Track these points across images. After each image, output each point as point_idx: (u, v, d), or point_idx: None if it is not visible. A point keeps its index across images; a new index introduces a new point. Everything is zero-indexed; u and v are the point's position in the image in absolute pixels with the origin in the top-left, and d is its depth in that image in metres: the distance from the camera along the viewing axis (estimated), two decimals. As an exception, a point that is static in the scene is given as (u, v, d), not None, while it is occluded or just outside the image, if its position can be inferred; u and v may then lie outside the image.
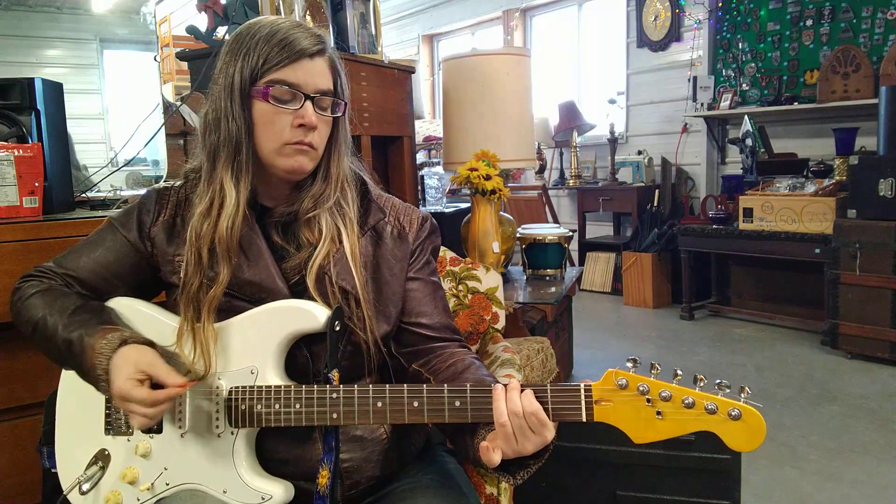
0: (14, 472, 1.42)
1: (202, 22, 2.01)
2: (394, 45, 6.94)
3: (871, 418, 2.58)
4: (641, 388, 0.81)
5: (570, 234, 2.78)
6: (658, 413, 0.80)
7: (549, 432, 0.82)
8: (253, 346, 0.94)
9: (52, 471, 1.02)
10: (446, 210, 3.03)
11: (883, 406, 2.69)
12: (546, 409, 0.83)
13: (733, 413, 0.78)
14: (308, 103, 0.93)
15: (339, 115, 0.99)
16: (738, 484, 1.52)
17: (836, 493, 2.04)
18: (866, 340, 3.20)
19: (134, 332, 0.93)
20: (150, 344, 0.93)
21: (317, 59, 0.94)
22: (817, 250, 3.44)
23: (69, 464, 1.00)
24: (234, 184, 0.94)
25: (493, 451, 0.82)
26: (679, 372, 0.81)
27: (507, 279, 2.64)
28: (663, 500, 1.55)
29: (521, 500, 1.51)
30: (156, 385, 0.87)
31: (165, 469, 0.96)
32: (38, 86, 1.56)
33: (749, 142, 3.93)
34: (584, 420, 0.83)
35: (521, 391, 0.83)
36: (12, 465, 1.42)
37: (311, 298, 0.95)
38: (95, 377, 0.89)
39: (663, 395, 0.80)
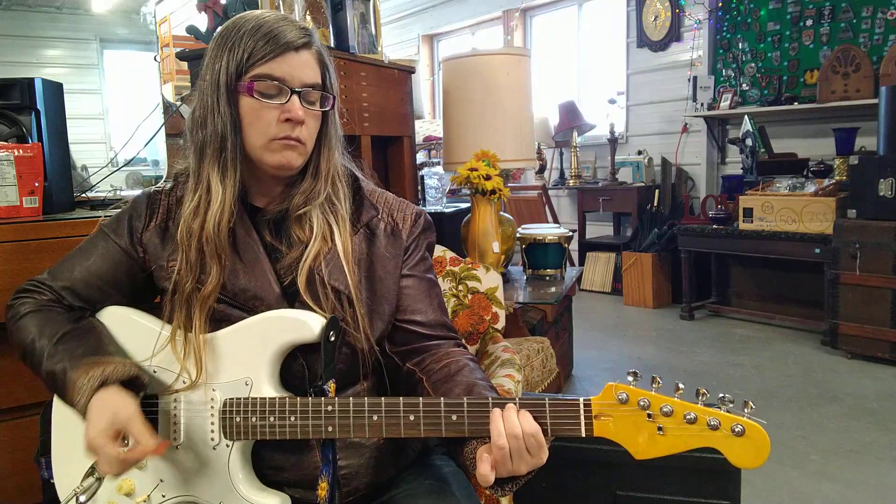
0: (14, 473, 1.42)
1: (202, 22, 2.01)
2: (394, 45, 6.93)
3: (871, 418, 2.58)
4: (642, 403, 0.79)
5: (570, 234, 2.78)
6: (659, 429, 0.79)
7: (545, 454, 0.81)
8: (247, 357, 0.92)
9: (51, 481, 1.01)
10: (446, 210, 3.03)
11: (883, 406, 2.69)
12: (544, 424, 0.81)
13: (737, 429, 0.76)
14: (294, 97, 0.91)
15: (328, 108, 0.97)
16: (738, 484, 1.52)
17: (837, 494, 2.04)
18: (866, 340, 3.19)
19: (117, 366, 0.90)
20: (133, 379, 0.90)
21: (303, 52, 0.92)
22: (817, 250, 3.44)
23: (66, 475, 0.99)
24: (221, 181, 0.93)
25: (491, 471, 0.80)
26: (681, 386, 0.79)
27: (507, 279, 2.64)
28: (663, 500, 1.54)
29: (521, 500, 1.51)
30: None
31: (161, 481, 0.95)
32: (38, 86, 1.55)
33: (749, 142, 3.93)
34: (584, 435, 0.81)
35: (518, 411, 0.81)
36: (12, 466, 1.42)
37: (304, 300, 0.93)
38: (78, 412, 0.89)
39: (665, 410, 0.78)
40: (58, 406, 1.02)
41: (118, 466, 0.85)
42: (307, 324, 0.91)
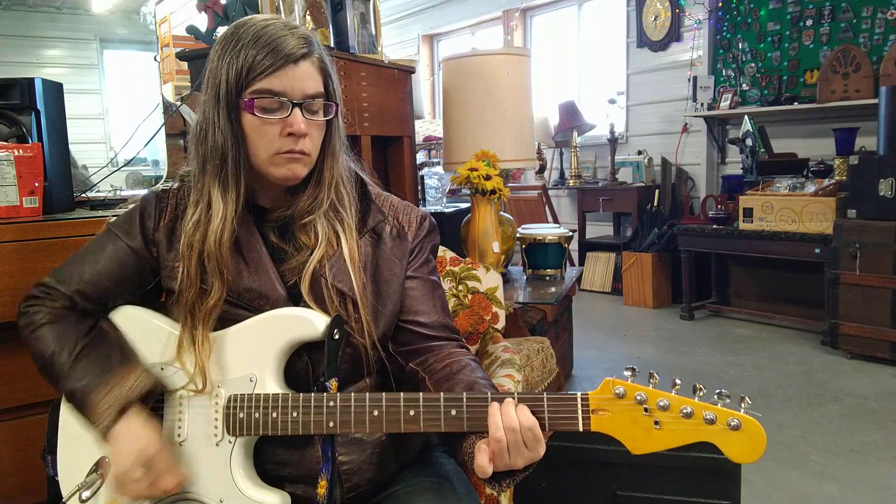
0: (15, 472, 1.42)
1: (202, 22, 2.01)
2: (394, 45, 6.93)
3: (871, 418, 2.58)
4: (639, 398, 0.80)
5: (570, 234, 2.78)
6: (656, 423, 0.79)
7: (542, 448, 0.82)
8: (252, 355, 0.93)
9: (56, 478, 1.02)
10: (446, 210, 3.03)
11: (883, 406, 2.69)
12: (542, 419, 0.82)
13: (732, 423, 0.76)
14: (296, 110, 0.91)
15: (331, 117, 0.97)
16: (738, 484, 1.52)
17: (836, 494, 2.04)
18: (866, 340, 3.20)
19: (134, 383, 0.91)
20: (150, 392, 0.93)
21: (302, 63, 0.91)
22: (817, 250, 3.44)
23: (70, 471, 1.00)
24: (222, 196, 0.93)
25: (489, 463, 0.81)
26: (678, 381, 0.80)
27: (507, 279, 2.64)
28: (663, 500, 1.55)
29: (521, 501, 1.51)
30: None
31: None
32: (38, 86, 1.55)
33: (749, 142, 3.93)
34: (581, 430, 0.82)
35: (516, 405, 0.82)
36: (13, 465, 1.42)
37: (307, 302, 0.94)
38: (96, 433, 0.91)
39: (661, 404, 0.79)
40: (65, 406, 1.02)
41: (141, 499, 0.90)
42: (312, 322, 0.92)
